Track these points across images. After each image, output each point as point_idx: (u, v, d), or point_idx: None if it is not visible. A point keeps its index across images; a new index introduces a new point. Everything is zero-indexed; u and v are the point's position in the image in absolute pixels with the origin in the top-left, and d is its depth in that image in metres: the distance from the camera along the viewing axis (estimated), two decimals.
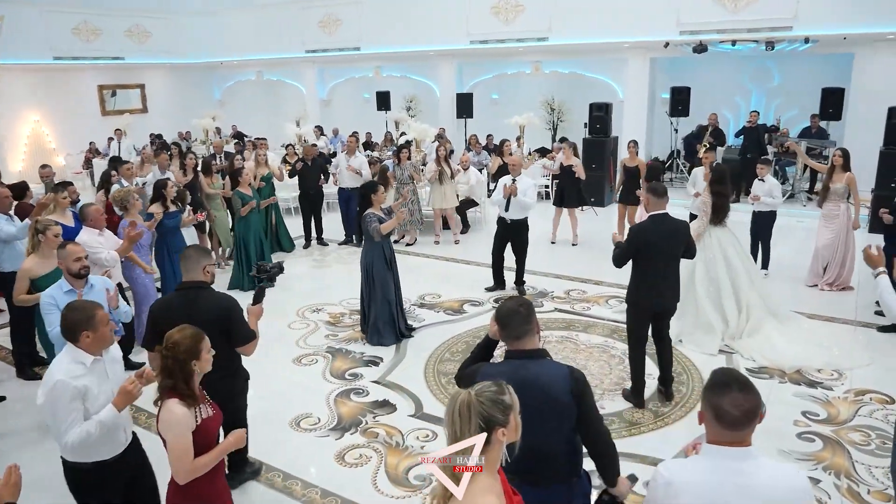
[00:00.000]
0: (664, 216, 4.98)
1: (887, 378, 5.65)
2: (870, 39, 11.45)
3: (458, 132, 16.31)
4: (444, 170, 10.03)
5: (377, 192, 6.26)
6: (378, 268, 6.34)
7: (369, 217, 6.18)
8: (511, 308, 2.70)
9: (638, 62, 13.89)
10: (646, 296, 5.05)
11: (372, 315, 6.42)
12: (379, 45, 16.23)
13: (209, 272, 3.85)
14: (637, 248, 4.97)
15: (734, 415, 2.05)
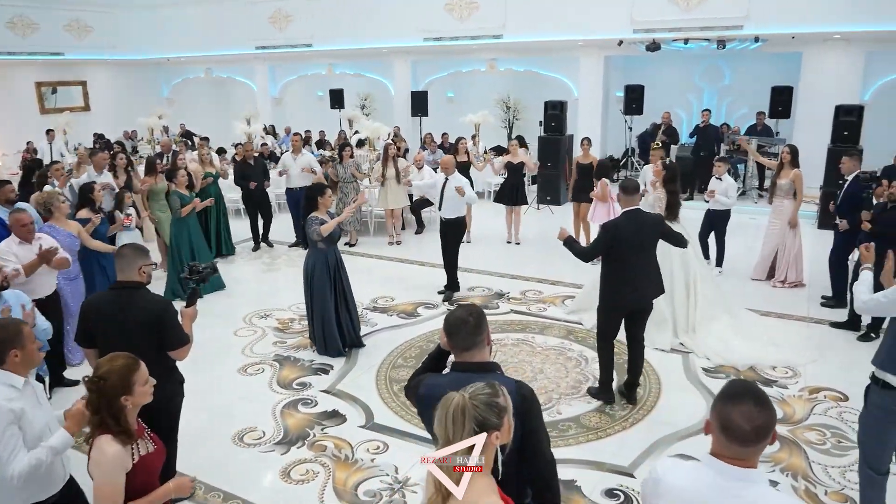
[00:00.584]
0: (637, 212, 4.95)
1: (840, 375, 5.66)
2: (818, 39, 11.64)
3: (413, 131, 16.09)
4: (390, 169, 9.81)
5: (324, 195, 5.92)
6: (318, 277, 5.97)
7: (312, 221, 5.85)
8: (459, 317, 2.50)
9: (592, 60, 13.89)
10: (622, 294, 4.96)
11: (315, 325, 6.14)
12: (331, 42, 15.89)
13: (145, 272, 3.58)
14: (610, 245, 4.88)
15: (744, 429, 1.86)
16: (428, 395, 2.54)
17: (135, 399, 2.53)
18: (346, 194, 9.63)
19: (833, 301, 7.29)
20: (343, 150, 9.85)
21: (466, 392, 1.93)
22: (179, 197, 7.69)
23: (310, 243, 6.01)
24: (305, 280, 6.09)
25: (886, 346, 3.49)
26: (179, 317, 3.67)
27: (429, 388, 2.55)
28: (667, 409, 5.14)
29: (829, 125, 10.91)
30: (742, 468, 1.90)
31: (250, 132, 12.50)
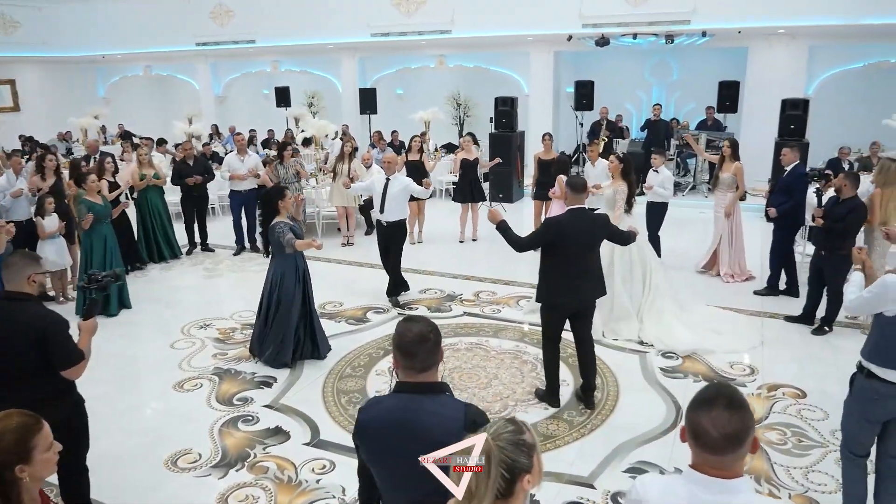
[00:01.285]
0: (583, 211, 4.78)
1: (797, 370, 5.61)
2: (763, 33, 11.75)
3: (362, 128, 15.75)
4: (345, 166, 9.48)
5: (285, 198, 5.54)
6: (287, 285, 5.59)
7: (280, 227, 5.45)
8: (419, 335, 2.20)
9: (542, 56, 13.78)
10: (562, 294, 4.79)
11: (272, 334, 5.72)
12: (276, 38, 15.42)
13: (35, 282, 3.20)
14: (550, 241, 4.71)
15: (713, 436, 1.71)
16: (370, 421, 2.26)
17: (33, 470, 2.02)
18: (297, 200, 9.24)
19: (765, 290, 7.37)
20: (283, 150, 9.43)
21: (488, 433, 1.70)
22: (87, 206, 6.96)
23: (275, 250, 5.62)
24: (270, 288, 5.66)
25: (873, 338, 3.52)
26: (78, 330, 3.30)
27: (372, 413, 2.28)
28: (626, 412, 4.96)
29: (775, 119, 11.01)
30: (722, 479, 1.75)
31: (190, 132, 11.95)
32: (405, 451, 2.00)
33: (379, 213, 7.05)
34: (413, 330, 2.22)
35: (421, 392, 2.24)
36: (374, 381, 5.44)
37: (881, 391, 3.41)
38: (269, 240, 5.68)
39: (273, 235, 5.51)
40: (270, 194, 5.66)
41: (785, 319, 6.67)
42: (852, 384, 3.62)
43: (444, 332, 6.45)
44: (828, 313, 6.34)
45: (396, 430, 2.17)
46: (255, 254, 9.29)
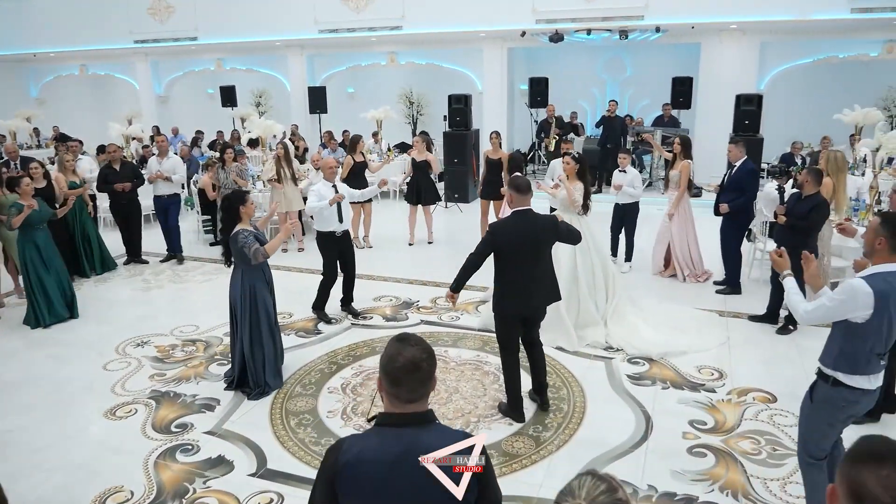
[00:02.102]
0: (528, 212, 4.52)
1: (765, 372, 5.46)
2: (715, 29, 11.73)
3: (312, 128, 15.27)
4: (283, 171, 9.02)
5: (247, 203, 5.02)
6: (261, 298, 5.09)
7: (243, 236, 4.94)
8: (411, 361, 1.88)
9: (495, 52, 13.54)
10: (513, 302, 4.56)
11: (257, 359, 5.13)
12: (219, 35, 14.80)
13: None
14: (496, 249, 4.46)
15: (885, 502, 1.37)
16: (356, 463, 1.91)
17: None
18: None
19: (728, 288, 7.29)
20: (224, 153, 8.92)
21: (581, 498, 1.44)
22: (19, 209, 6.45)
23: (239, 260, 5.07)
24: (240, 304, 5.07)
25: (836, 346, 3.30)
26: None
27: (355, 452, 1.91)
28: (594, 424, 4.71)
29: (729, 114, 11.01)
30: None
31: (127, 133, 11.30)
32: (412, 489, 1.85)
33: (338, 223, 6.55)
34: (404, 354, 1.89)
35: (416, 424, 1.91)
36: (326, 400, 5.06)
37: (850, 398, 3.27)
38: (225, 247, 5.23)
39: (236, 245, 4.96)
40: (231, 199, 5.08)
41: (749, 319, 6.56)
42: (813, 392, 3.43)
43: None
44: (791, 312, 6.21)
45: (397, 465, 1.87)
46: (192, 262, 8.79)
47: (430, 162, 9.22)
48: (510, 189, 4.56)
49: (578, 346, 5.92)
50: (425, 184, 9.19)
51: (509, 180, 4.69)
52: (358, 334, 6.30)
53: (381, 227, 10.00)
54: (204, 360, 5.81)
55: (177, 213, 8.88)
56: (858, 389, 3.24)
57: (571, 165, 6.49)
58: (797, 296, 3.47)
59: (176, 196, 8.80)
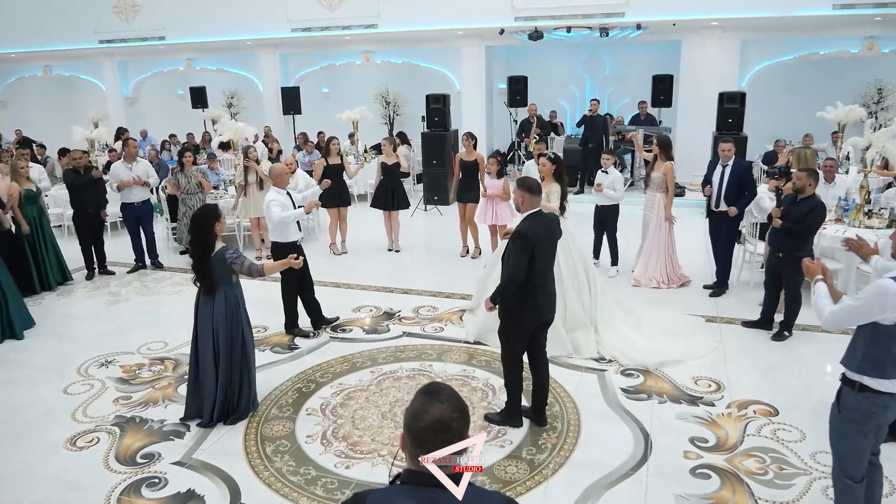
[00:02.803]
0: (540, 213, 4.35)
1: (764, 382, 5.25)
2: (696, 26, 11.58)
3: (286, 130, 14.88)
4: (252, 174, 8.64)
5: (221, 220, 4.50)
6: (245, 313, 4.73)
7: (231, 252, 4.47)
8: (440, 421, 1.62)
9: (473, 51, 13.27)
10: (538, 309, 4.36)
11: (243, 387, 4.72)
12: (188, 35, 14.33)
13: None
14: (532, 254, 4.21)
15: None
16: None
17: None
18: (192, 207, 8.31)
19: (718, 290, 7.15)
20: (183, 157, 8.49)
21: None
22: None
23: (221, 280, 4.52)
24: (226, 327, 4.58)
25: (861, 349, 3.12)
26: None
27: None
28: (591, 444, 4.45)
29: (711, 112, 10.87)
30: None
31: (93, 137, 10.80)
32: None
33: (298, 231, 6.17)
34: (431, 412, 1.63)
35: (437, 486, 1.62)
36: (304, 423, 4.74)
37: (879, 402, 3.11)
38: (205, 271, 4.51)
39: (225, 265, 4.47)
40: (203, 216, 4.50)
41: (742, 325, 6.36)
42: (839, 401, 3.25)
43: (383, 357, 5.87)
44: (787, 317, 6.04)
45: None
46: (161, 272, 8.39)
47: (400, 163, 8.86)
48: (521, 190, 4.32)
49: (572, 352, 5.69)
50: (395, 188, 8.83)
51: (519, 181, 4.40)
52: (337, 349, 5.97)
53: (357, 231, 9.68)
54: (173, 381, 5.44)
55: (152, 219, 8.50)
56: (886, 394, 3.08)
57: (548, 167, 6.22)
58: (825, 299, 3.30)
59: (148, 202, 8.41)
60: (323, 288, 7.59)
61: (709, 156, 10.86)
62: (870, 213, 7.17)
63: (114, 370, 5.70)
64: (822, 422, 4.62)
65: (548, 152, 6.46)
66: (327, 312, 6.52)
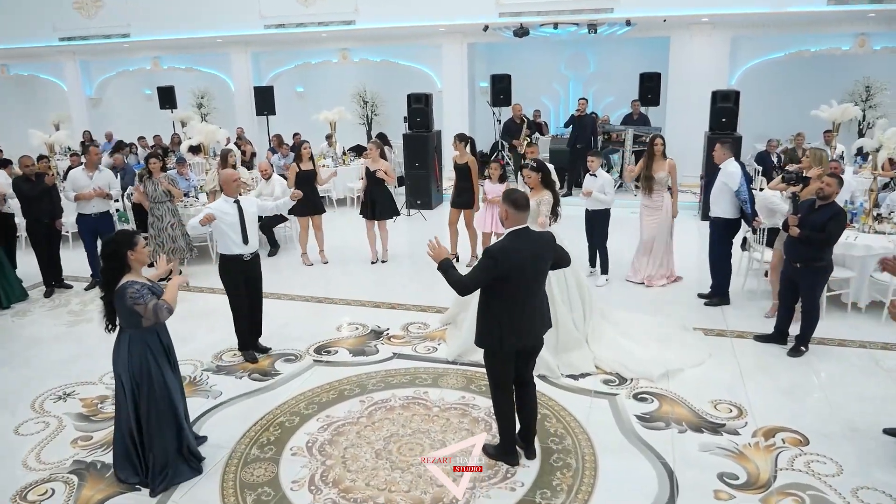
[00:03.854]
0: (527, 232, 3.85)
1: (788, 406, 4.85)
2: (686, 23, 11.23)
3: (259, 131, 14.27)
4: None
5: (136, 248, 3.78)
6: (155, 371, 3.89)
7: (133, 290, 3.67)
8: None
9: (455, 48, 12.79)
10: (514, 335, 3.87)
11: (157, 450, 3.98)
12: (154, 32, 13.62)
13: None
14: (497, 276, 3.71)
15: None
16: None
17: None
18: (160, 218, 7.67)
19: (717, 299, 6.83)
20: (149, 161, 7.82)
21: None
22: None
23: (126, 322, 3.82)
24: (128, 384, 3.88)
25: None
26: None
27: None
28: (611, 485, 4.00)
29: (700, 111, 10.59)
30: None
31: (52, 141, 10.12)
32: None
33: (244, 244, 5.47)
34: None
35: None
36: (289, 466, 4.22)
37: None
38: (107, 308, 3.85)
39: (123, 303, 3.69)
40: (114, 243, 3.76)
41: (755, 339, 5.99)
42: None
43: (373, 383, 5.36)
44: (803, 331, 5.68)
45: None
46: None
47: (386, 171, 8.33)
48: (506, 204, 3.83)
49: (560, 374, 5.29)
50: (381, 196, 8.31)
51: (504, 194, 3.92)
52: (322, 375, 5.45)
53: (337, 239, 9.16)
54: None
55: (112, 231, 7.80)
56: None
57: (534, 177, 5.77)
58: None
59: (107, 213, 7.77)
60: (302, 304, 7.10)
61: (700, 156, 10.53)
62: (879, 217, 6.85)
63: (73, 404, 5.12)
64: (857, 451, 4.27)
65: (529, 161, 6.01)
66: (308, 330, 6.04)
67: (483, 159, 13.52)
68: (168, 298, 3.80)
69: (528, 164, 5.99)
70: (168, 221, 7.69)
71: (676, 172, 7.35)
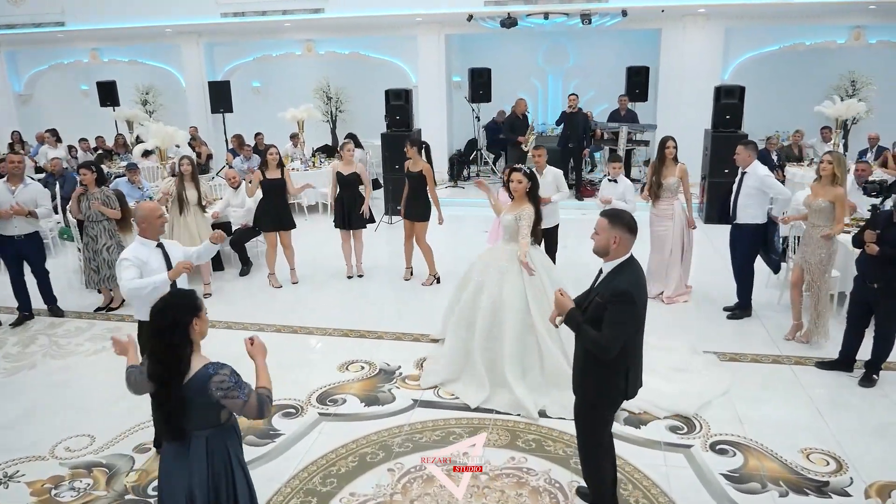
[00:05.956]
0: (634, 259, 3.23)
1: (888, 451, 4.17)
2: (679, 13, 10.60)
3: (215, 131, 13.04)
4: (190, 191, 6.98)
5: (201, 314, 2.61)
6: (240, 480, 2.75)
7: (222, 379, 2.53)
8: None
9: (432, 39, 11.87)
10: (638, 378, 3.31)
11: None
12: (92, 20, 12.26)
13: None
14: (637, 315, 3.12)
15: None
16: None
17: None
18: (94, 238, 6.49)
19: (739, 311, 6.31)
20: (80, 172, 6.61)
21: None
22: None
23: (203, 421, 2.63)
24: (203, 499, 2.64)
25: None
26: None
27: None
28: None
29: (696, 107, 10.04)
30: None
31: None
32: None
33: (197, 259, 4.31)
34: None
35: None
36: None
37: None
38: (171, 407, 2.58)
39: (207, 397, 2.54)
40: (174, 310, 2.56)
41: (817, 366, 5.32)
42: None
43: (398, 444, 4.34)
44: (876, 358, 5.05)
45: None
46: (76, 322, 6.58)
47: (361, 176, 7.38)
48: (619, 229, 3.13)
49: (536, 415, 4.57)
50: (356, 202, 7.36)
51: (612, 215, 3.21)
52: (332, 433, 4.48)
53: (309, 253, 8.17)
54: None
55: (42, 256, 6.57)
56: None
57: (524, 185, 4.95)
58: None
59: (36, 235, 6.47)
60: (282, 336, 6.05)
61: (699, 155, 9.92)
62: None
63: (17, 491, 3.99)
64: None
65: (522, 167, 5.14)
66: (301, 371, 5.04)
67: (462, 159, 12.69)
68: (266, 383, 2.73)
69: (521, 168, 5.10)
70: (104, 244, 6.50)
71: (687, 176, 6.68)
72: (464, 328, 5.04)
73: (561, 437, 4.32)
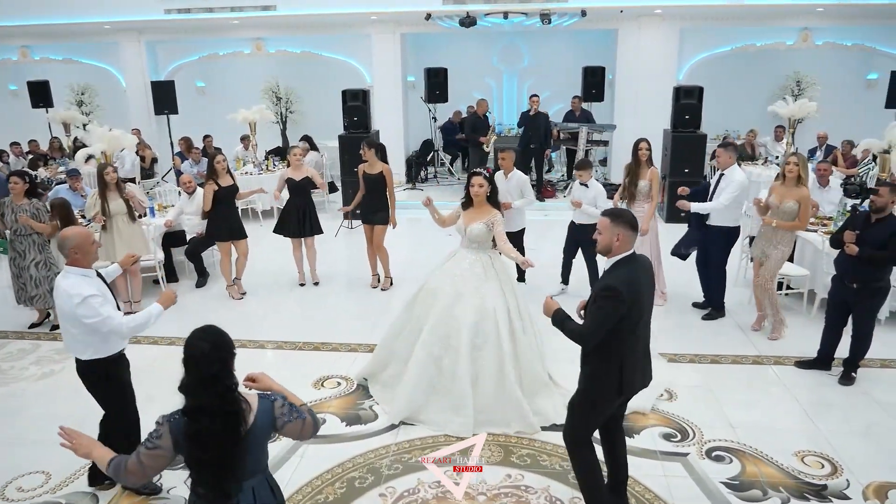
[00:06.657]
0: (637, 257, 3.28)
1: (876, 451, 4.25)
2: (635, 14, 10.65)
3: (159, 133, 12.44)
4: (116, 202, 6.51)
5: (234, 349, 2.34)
6: None
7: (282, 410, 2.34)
8: None
9: (387, 38, 11.60)
10: (638, 374, 3.31)
11: None
12: (22, 15, 11.50)
13: None
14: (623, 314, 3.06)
15: None
16: None
17: None
18: (22, 254, 5.98)
19: (714, 313, 6.33)
20: (10, 180, 6.04)
21: None
22: None
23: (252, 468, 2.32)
24: None
25: None
26: None
27: None
28: None
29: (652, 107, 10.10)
30: None
31: None
32: None
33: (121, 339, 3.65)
34: None
35: None
36: None
37: None
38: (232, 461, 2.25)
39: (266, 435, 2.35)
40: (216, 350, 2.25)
41: (796, 366, 5.37)
42: None
43: (387, 466, 4.08)
44: (854, 356, 5.13)
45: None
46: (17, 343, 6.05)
47: (314, 180, 7.11)
48: (621, 227, 3.16)
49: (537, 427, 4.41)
50: (308, 209, 7.09)
51: (614, 214, 3.25)
52: (316, 457, 4.20)
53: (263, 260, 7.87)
54: None
55: None
56: None
57: (485, 188, 4.79)
58: None
59: None
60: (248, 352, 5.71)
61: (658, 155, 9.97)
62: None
63: None
64: None
65: (482, 171, 4.96)
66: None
67: (419, 160, 12.48)
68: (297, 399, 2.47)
69: (480, 171, 4.92)
70: (32, 259, 5.98)
71: (658, 180, 6.58)
72: (437, 345, 4.59)
73: (555, 450, 4.17)
